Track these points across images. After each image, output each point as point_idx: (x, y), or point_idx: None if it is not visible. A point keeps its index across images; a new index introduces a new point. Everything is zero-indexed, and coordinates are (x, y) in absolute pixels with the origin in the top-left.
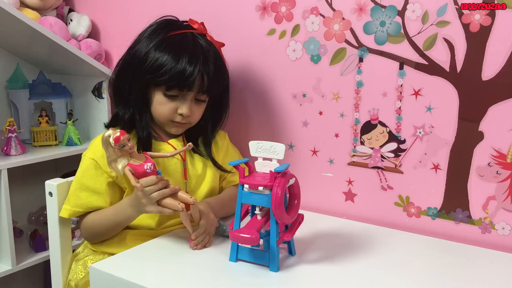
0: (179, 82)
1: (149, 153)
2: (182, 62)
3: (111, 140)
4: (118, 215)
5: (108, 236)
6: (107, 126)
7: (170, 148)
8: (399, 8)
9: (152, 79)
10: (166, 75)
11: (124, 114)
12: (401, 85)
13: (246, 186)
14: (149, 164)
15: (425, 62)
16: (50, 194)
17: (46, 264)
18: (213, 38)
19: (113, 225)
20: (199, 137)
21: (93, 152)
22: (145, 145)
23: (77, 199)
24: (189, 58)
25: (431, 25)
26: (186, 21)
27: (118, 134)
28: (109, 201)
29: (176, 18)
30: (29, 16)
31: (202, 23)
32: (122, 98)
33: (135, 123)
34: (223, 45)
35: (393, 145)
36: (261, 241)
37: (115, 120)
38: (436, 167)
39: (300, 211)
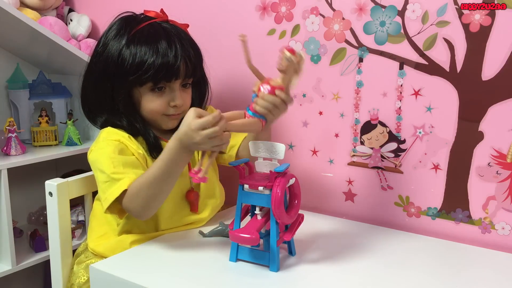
0: (165, 73)
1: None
2: (162, 52)
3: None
4: (166, 163)
5: (161, 196)
6: (102, 126)
7: None
8: (399, 8)
9: (137, 79)
10: (151, 71)
11: (121, 122)
12: (401, 85)
13: (246, 186)
14: (267, 87)
15: (425, 62)
16: (50, 194)
17: (46, 264)
18: (176, 21)
19: (164, 177)
20: None
21: (112, 137)
22: (157, 149)
23: (127, 173)
24: (167, 46)
25: (431, 25)
26: (142, 14)
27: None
28: None
29: (133, 12)
30: (29, 16)
31: (161, 10)
32: (105, 109)
33: (137, 128)
34: (187, 26)
35: (393, 145)
36: (261, 241)
37: (112, 126)
38: (436, 167)
39: (300, 211)
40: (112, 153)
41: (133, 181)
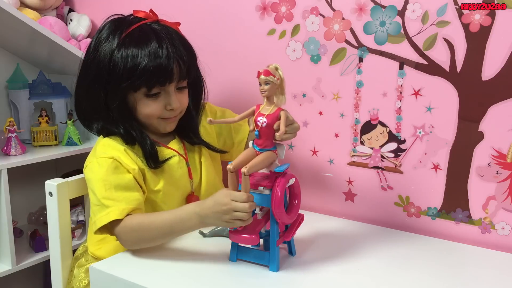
0: (158, 78)
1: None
2: (154, 55)
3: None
4: (177, 222)
5: (154, 244)
6: (100, 132)
7: (172, 153)
8: (399, 8)
9: (130, 85)
10: (143, 76)
11: (117, 129)
12: (401, 85)
13: None
14: (263, 119)
15: (425, 62)
16: (50, 194)
17: (46, 264)
18: (166, 20)
19: (167, 232)
20: (190, 127)
21: (106, 152)
22: (153, 157)
23: (117, 199)
24: (158, 49)
25: (431, 25)
26: (132, 15)
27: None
28: (143, 195)
29: (122, 14)
30: (29, 16)
31: (150, 10)
32: (100, 116)
33: (133, 136)
34: (179, 24)
35: (393, 145)
36: (261, 241)
37: (109, 133)
38: (436, 167)
39: (300, 211)
40: (105, 175)
41: (122, 210)
